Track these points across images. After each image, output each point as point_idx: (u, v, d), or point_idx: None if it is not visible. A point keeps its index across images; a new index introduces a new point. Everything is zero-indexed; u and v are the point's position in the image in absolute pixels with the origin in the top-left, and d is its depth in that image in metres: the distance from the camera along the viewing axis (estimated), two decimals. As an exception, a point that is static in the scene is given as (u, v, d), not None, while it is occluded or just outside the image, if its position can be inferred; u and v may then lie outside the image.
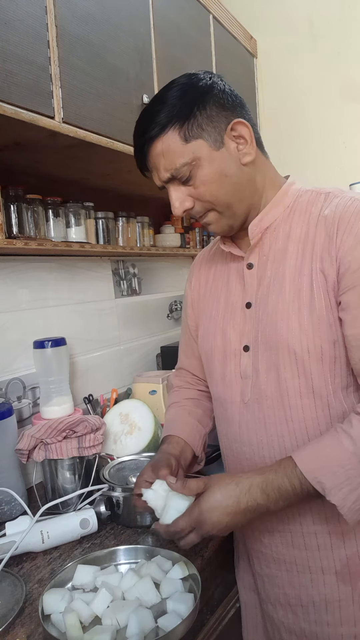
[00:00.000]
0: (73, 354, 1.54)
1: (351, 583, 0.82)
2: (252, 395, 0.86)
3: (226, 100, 0.80)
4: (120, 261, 1.82)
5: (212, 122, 0.79)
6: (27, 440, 1.15)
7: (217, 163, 0.79)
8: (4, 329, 1.34)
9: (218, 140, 0.79)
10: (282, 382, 0.82)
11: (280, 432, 0.84)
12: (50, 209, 1.36)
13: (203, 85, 0.79)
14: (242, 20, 2.00)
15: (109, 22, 1.21)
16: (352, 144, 2.00)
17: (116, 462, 1.21)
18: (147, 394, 1.61)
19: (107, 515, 1.08)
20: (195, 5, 1.64)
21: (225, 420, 0.93)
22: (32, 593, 0.88)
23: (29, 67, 0.99)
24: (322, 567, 0.83)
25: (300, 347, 0.79)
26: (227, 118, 0.80)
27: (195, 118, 0.78)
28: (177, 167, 0.79)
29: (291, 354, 0.80)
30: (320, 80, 2.03)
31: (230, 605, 0.95)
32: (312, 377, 0.80)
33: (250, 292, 0.87)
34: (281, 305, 0.81)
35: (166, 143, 0.79)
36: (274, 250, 0.85)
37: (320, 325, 0.78)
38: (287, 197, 0.86)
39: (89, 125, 1.14)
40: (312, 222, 0.81)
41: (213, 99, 0.79)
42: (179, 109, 0.77)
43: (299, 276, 0.80)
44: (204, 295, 0.99)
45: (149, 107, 0.81)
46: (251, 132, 0.81)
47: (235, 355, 0.89)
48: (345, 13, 1.97)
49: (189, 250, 2.04)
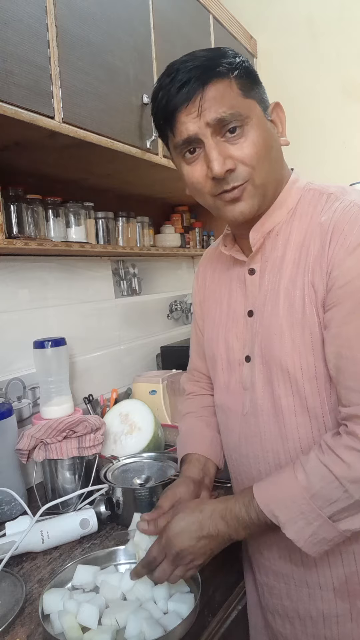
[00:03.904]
0: (73, 354, 1.54)
1: (349, 601, 0.80)
2: (250, 408, 0.84)
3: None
4: (120, 261, 1.82)
5: (262, 94, 0.77)
6: (27, 440, 1.15)
7: (266, 130, 0.76)
8: (4, 329, 1.34)
9: (266, 112, 0.77)
10: (276, 399, 0.79)
11: (276, 449, 0.81)
12: (50, 209, 1.36)
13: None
14: (242, 20, 2.00)
15: (109, 22, 1.21)
16: (352, 144, 2.00)
17: (120, 464, 1.21)
18: (147, 394, 1.61)
19: (107, 515, 1.08)
20: (195, 5, 1.64)
21: (226, 429, 0.92)
22: (32, 593, 0.88)
23: (29, 67, 0.99)
24: (319, 583, 0.81)
25: (293, 365, 0.76)
26: (268, 99, 0.79)
27: (254, 79, 0.76)
28: (233, 112, 0.71)
29: (284, 371, 0.77)
30: (320, 80, 2.03)
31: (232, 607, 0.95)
32: (305, 396, 0.77)
33: (252, 299, 0.84)
34: (275, 319, 0.78)
35: (225, 89, 0.71)
36: (273, 257, 0.80)
37: (312, 342, 0.74)
38: (290, 198, 0.81)
39: (89, 125, 1.14)
40: (310, 229, 0.76)
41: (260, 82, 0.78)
42: (240, 62, 0.74)
43: (292, 289, 0.76)
44: (208, 297, 0.97)
45: (204, 51, 0.74)
46: (285, 118, 0.79)
47: (238, 365, 0.86)
48: (345, 13, 1.97)
49: (189, 250, 2.04)
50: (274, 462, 0.82)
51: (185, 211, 2.12)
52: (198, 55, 0.74)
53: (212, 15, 1.74)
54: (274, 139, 0.78)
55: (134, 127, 1.30)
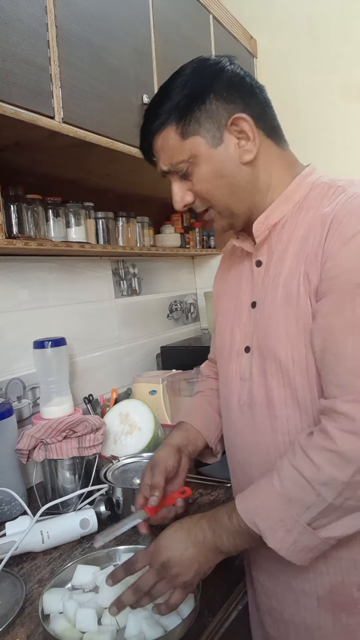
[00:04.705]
0: (73, 354, 1.54)
1: (333, 612, 0.77)
2: (245, 400, 0.84)
3: (232, 90, 0.76)
4: (120, 261, 1.82)
5: (212, 117, 0.76)
6: (27, 440, 1.15)
7: (214, 162, 0.77)
8: (4, 329, 1.34)
9: (217, 136, 0.76)
10: (269, 390, 0.79)
11: (266, 442, 0.81)
12: (50, 209, 1.36)
13: (208, 74, 0.76)
14: (242, 20, 2.00)
15: (109, 22, 1.21)
16: (352, 144, 2.00)
17: (120, 464, 1.21)
18: (147, 394, 1.61)
19: (107, 515, 1.08)
20: (195, 5, 1.64)
21: (225, 421, 0.92)
22: (32, 593, 0.88)
23: (29, 67, 0.99)
24: (304, 590, 0.79)
25: (285, 356, 0.75)
26: (229, 112, 0.76)
27: (193, 114, 0.75)
28: (174, 162, 0.78)
29: (277, 362, 0.77)
30: (320, 80, 2.03)
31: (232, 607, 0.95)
32: (296, 388, 0.76)
33: (256, 291, 0.84)
34: (273, 310, 0.78)
35: (165, 138, 0.78)
36: (278, 249, 0.80)
37: (305, 334, 0.73)
38: (298, 192, 0.80)
39: (89, 125, 1.14)
40: (314, 221, 0.75)
41: (216, 91, 0.75)
42: (177, 105, 0.76)
43: (290, 279, 0.76)
44: (223, 290, 0.97)
45: (155, 97, 0.80)
46: (253, 127, 0.76)
47: (237, 356, 0.87)
48: (345, 13, 1.97)
49: (189, 250, 2.04)
50: (264, 455, 0.81)
51: (185, 211, 2.12)
52: (152, 102, 0.80)
53: (212, 16, 1.74)
54: (229, 161, 0.77)
55: (134, 127, 1.30)
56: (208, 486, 1.23)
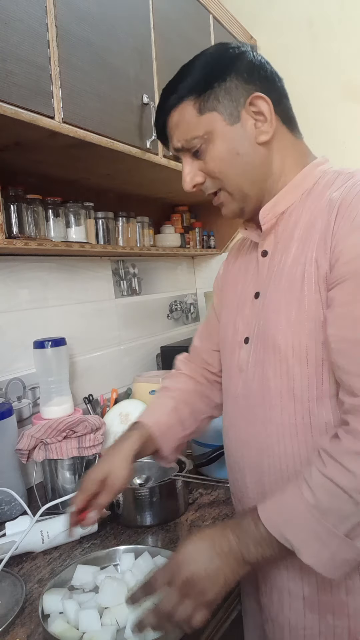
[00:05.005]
0: (73, 354, 1.54)
1: (319, 612, 0.74)
2: (241, 390, 0.83)
3: (253, 72, 0.76)
4: (120, 261, 1.82)
5: (231, 94, 0.75)
6: (27, 440, 1.15)
7: (229, 139, 0.76)
8: (4, 329, 1.34)
9: (234, 114, 0.75)
10: (264, 380, 0.77)
11: (258, 432, 0.79)
12: (50, 209, 1.36)
13: (230, 55, 0.76)
14: (242, 20, 2.00)
15: (109, 22, 1.21)
16: (352, 144, 2.00)
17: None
18: (147, 394, 1.61)
19: (107, 515, 1.08)
20: (195, 5, 1.64)
21: (224, 412, 0.91)
22: (32, 593, 0.88)
23: (29, 67, 0.99)
24: (289, 589, 0.76)
25: (285, 344, 0.73)
26: (248, 92, 0.75)
27: (212, 90, 0.75)
28: (189, 138, 0.77)
29: (276, 350, 0.74)
30: (320, 80, 2.03)
31: (231, 607, 0.95)
32: (293, 378, 0.73)
33: (261, 281, 0.82)
34: (275, 297, 0.76)
35: (182, 113, 0.77)
36: (284, 238, 0.78)
37: (308, 321, 0.71)
38: (307, 180, 0.78)
39: (89, 125, 1.14)
40: (320, 207, 0.73)
41: (237, 71, 0.75)
42: (198, 81, 0.76)
43: (295, 266, 0.73)
44: (227, 283, 0.96)
45: (175, 76, 0.80)
46: (271, 108, 0.76)
47: (238, 347, 0.85)
48: (345, 13, 1.97)
49: (189, 250, 2.04)
50: (255, 446, 0.80)
51: (185, 211, 2.12)
52: (171, 80, 0.80)
53: (212, 15, 1.74)
54: (245, 140, 0.77)
55: (134, 127, 1.30)
56: (208, 486, 1.23)
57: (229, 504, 1.13)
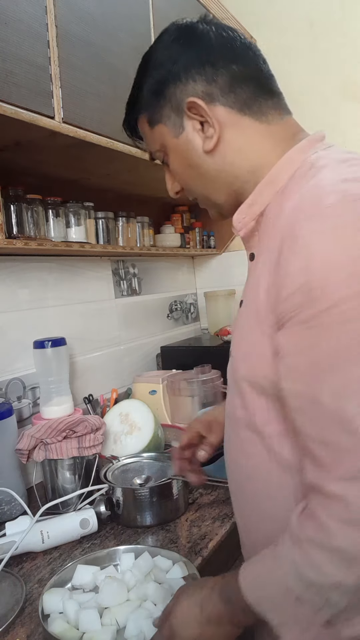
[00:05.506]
0: (73, 354, 1.54)
1: None
2: (227, 408, 0.75)
3: (189, 69, 0.66)
4: (120, 261, 1.82)
5: (171, 102, 0.68)
6: (27, 440, 1.15)
7: (179, 152, 0.70)
8: (4, 329, 1.34)
9: (177, 124, 0.69)
10: (234, 408, 0.70)
11: (234, 459, 0.73)
12: (50, 209, 1.36)
13: (167, 55, 0.69)
14: (242, 20, 2.00)
15: (109, 22, 1.21)
16: (352, 144, 2.00)
17: (120, 464, 1.21)
18: (147, 394, 1.61)
19: (107, 515, 1.08)
20: (195, 5, 1.64)
21: None
22: (32, 593, 0.88)
23: (29, 67, 0.99)
24: None
25: (242, 376, 0.66)
26: (187, 95, 0.66)
27: (156, 100, 0.69)
28: (152, 151, 0.76)
29: (236, 379, 0.67)
30: (320, 80, 2.03)
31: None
32: (254, 412, 0.65)
33: (246, 288, 0.71)
34: (245, 312, 0.67)
35: (141, 128, 0.75)
36: (265, 242, 0.66)
37: (260, 356, 0.61)
38: (283, 173, 0.65)
39: (89, 125, 1.14)
40: (282, 215, 0.61)
41: (173, 73, 0.67)
42: (140, 96, 0.72)
43: (257, 286, 0.62)
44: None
45: (132, 88, 0.76)
46: (207, 110, 0.65)
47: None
48: (345, 13, 1.97)
49: (189, 250, 2.04)
50: (234, 470, 0.75)
51: (185, 211, 2.12)
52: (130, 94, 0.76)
53: (212, 15, 1.74)
54: (192, 151, 0.69)
55: (134, 127, 1.30)
56: (208, 486, 1.23)
57: (228, 504, 1.12)
